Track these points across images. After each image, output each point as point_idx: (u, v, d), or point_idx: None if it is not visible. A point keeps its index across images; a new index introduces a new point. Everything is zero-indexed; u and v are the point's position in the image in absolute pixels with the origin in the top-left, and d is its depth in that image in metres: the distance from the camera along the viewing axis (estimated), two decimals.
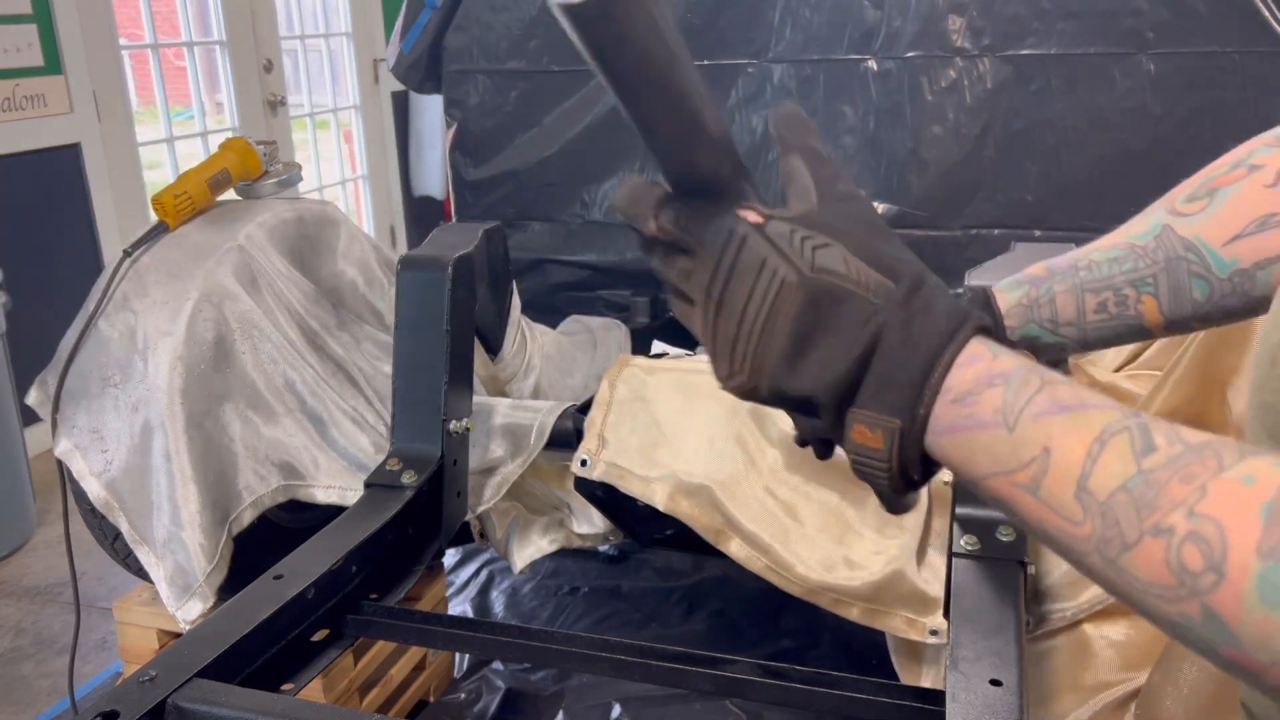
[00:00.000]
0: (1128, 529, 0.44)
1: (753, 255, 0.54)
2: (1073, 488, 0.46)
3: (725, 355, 0.56)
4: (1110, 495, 0.45)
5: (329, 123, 4.80)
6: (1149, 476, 0.44)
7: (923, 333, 0.52)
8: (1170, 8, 1.92)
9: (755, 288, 0.53)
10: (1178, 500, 0.43)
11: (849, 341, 0.52)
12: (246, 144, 1.75)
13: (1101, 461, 0.46)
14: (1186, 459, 0.44)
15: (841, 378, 0.52)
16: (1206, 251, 0.78)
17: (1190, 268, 0.79)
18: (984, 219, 2.09)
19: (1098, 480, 0.45)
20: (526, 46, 2.32)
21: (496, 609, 2.18)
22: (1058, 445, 0.47)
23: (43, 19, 3.09)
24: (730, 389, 0.57)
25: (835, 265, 0.53)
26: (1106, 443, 0.46)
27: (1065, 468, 0.47)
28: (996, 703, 1.02)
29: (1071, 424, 0.47)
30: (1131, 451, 0.45)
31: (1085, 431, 0.47)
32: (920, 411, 0.51)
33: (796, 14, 2.13)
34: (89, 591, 2.31)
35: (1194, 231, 0.79)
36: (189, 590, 1.46)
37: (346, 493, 1.56)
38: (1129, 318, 0.81)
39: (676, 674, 1.18)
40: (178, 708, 1.00)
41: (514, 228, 2.41)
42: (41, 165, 3.13)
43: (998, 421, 0.49)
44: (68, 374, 1.56)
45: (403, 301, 1.56)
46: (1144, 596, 0.45)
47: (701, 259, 0.55)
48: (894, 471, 0.53)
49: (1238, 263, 0.77)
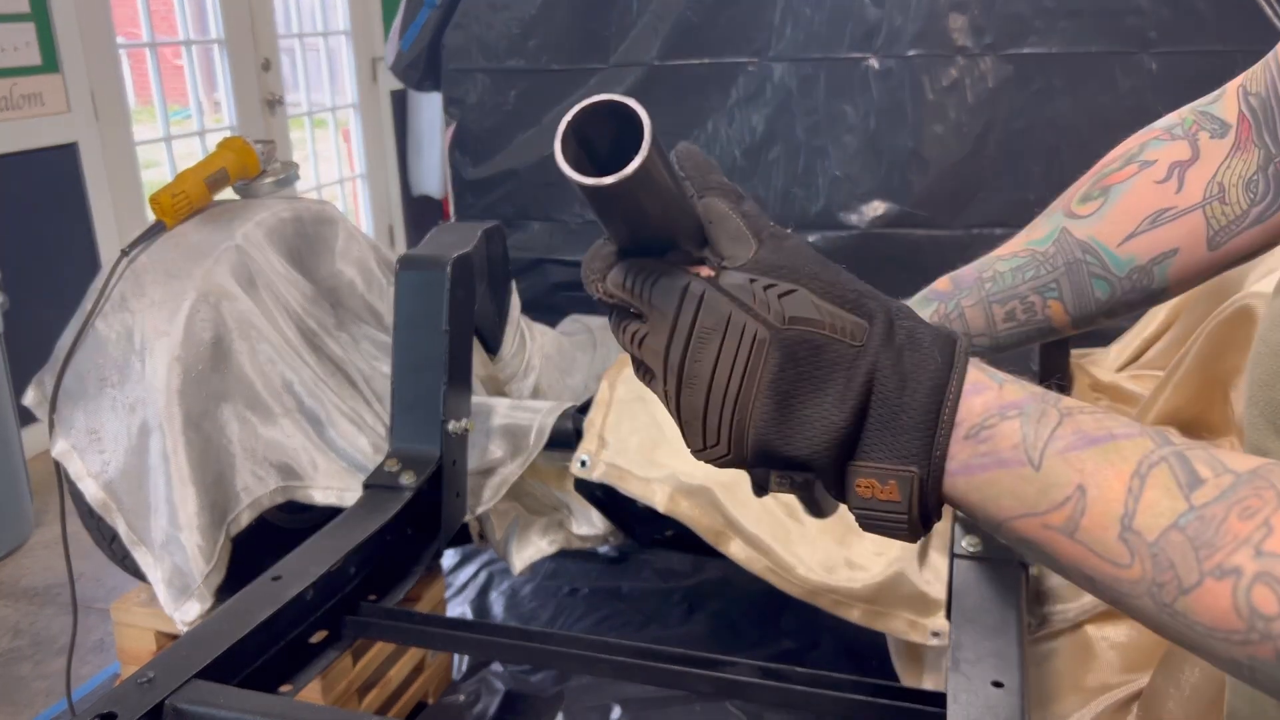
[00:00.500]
0: (1185, 571, 0.41)
1: (714, 314, 0.48)
2: (1115, 529, 0.43)
3: (696, 428, 0.50)
4: (1161, 535, 0.41)
5: (327, 122, 4.79)
6: (1202, 513, 0.41)
7: (917, 367, 0.48)
8: (1172, 7, 1.92)
9: (722, 350, 0.48)
10: (1241, 538, 0.40)
11: (840, 394, 0.48)
12: (244, 143, 1.74)
13: (1146, 499, 0.42)
14: (1240, 491, 0.41)
15: (839, 434, 0.48)
16: (1104, 252, 0.79)
17: (1090, 269, 0.79)
18: (985, 218, 2.09)
19: (1144, 519, 0.42)
20: (526, 45, 2.32)
21: (496, 610, 2.17)
22: (1093, 483, 0.44)
23: (40, 17, 3.08)
24: (709, 461, 0.51)
25: (806, 312, 0.48)
26: (1146, 477, 0.43)
27: (1105, 507, 0.43)
28: (998, 704, 1.02)
29: (1104, 458, 0.44)
30: (1176, 485, 0.42)
31: (1121, 465, 0.43)
32: (936, 454, 0.47)
33: (797, 12, 2.12)
34: (86, 592, 2.30)
35: (1090, 233, 0.80)
36: (187, 591, 1.46)
37: (345, 494, 1.56)
38: (1037, 322, 0.83)
39: (676, 675, 1.18)
40: (176, 709, 0.99)
41: (514, 227, 2.40)
42: (39, 165, 3.12)
43: (1020, 459, 0.46)
44: (65, 374, 1.55)
45: (401, 301, 1.56)
46: (1205, 640, 0.41)
47: (655, 323, 0.50)
48: (914, 521, 0.48)
49: (1134, 260, 0.78)
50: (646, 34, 2.23)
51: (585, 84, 2.29)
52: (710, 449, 0.50)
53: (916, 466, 0.47)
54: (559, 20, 2.28)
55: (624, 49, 2.25)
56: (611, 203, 0.47)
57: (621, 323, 0.53)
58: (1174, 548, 0.41)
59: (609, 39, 2.26)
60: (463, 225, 1.75)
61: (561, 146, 0.45)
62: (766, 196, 2.20)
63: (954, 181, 2.09)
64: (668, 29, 2.21)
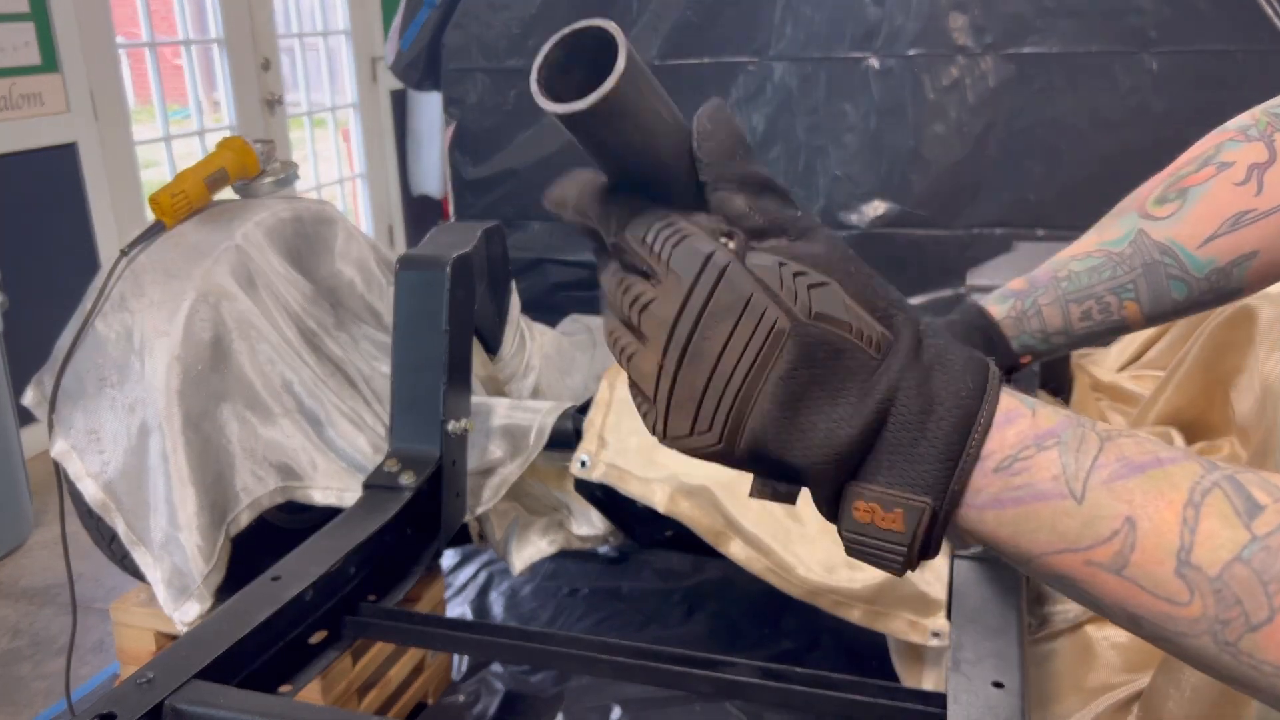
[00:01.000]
0: (1254, 607, 0.38)
1: (735, 292, 0.44)
2: (1171, 563, 0.40)
3: (688, 411, 0.45)
4: (1224, 569, 0.38)
5: (327, 121, 4.79)
6: (1268, 543, 0.38)
7: (945, 391, 0.44)
8: (1173, 6, 1.91)
9: (735, 332, 0.44)
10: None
11: (854, 407, 0.44)
12: (244, 143, 1.74)
13: (1203, 530, 0.39)
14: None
15: (845, 449, 0.44)
16: (1183, 254, 0.79)
17: (1168, 271, 0.80)
18: (986, 218, 2.09)
19: (1203, 553, 0.39)
20: (525, 44, 2.32)
21: (495, 610, 2.17)
22: (1143, 515, 0.40)
23: (40, 17, 3.08)
24: (688, 449, 0.46)
25: (835, 310, 0.44)
26: (1201, 505, 0.40)
27: (1158, 540, 0.40)
28: (998, 705, 1.02)
29: (1153, 486, 0.41)
30: (1235, 513, 0.39)
31: (1172, 494, 0.40)
32: (955, 487, 0.43)
33: (797, 11, 2.12)
34: (86, 593, 2.30)
35: (1168, 235, 0.80)
36: (186, 592, 1.46)
37: (344, 494, 1.56)
38: (1113, 322, 0.84)
39: (676, 676, 1.18)
40: (175, 709, 0.99)
41: (513, 227, 2.40)
42: (38, 164, 3.12)
43: (1061, 491, 0.42)
44: (64, 374, 1.55)
45: (401, 301, 1.56)
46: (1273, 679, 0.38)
47: (668, 288, 0.45)
48: (912, 556, 0.45)
49: (1214, 262, 0.79)
50: (646, 34, 2.22)
51: None
52: (698, 436, 0.46)
53: (931, 498, 0.43)
54: (559, 20, 2.27)
55: None
56: (593, 131, 0.43)
57: (623, 278, 0.47)
58: (1239, 582, 0.38)
59: None
60: (463, 225, 1.74)
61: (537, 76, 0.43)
62: None
63: (954, 181, 2.09)
64: (668, 28, 2.21)
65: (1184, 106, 1.95)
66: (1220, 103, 1.93)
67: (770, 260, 0.44)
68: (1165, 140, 1.97)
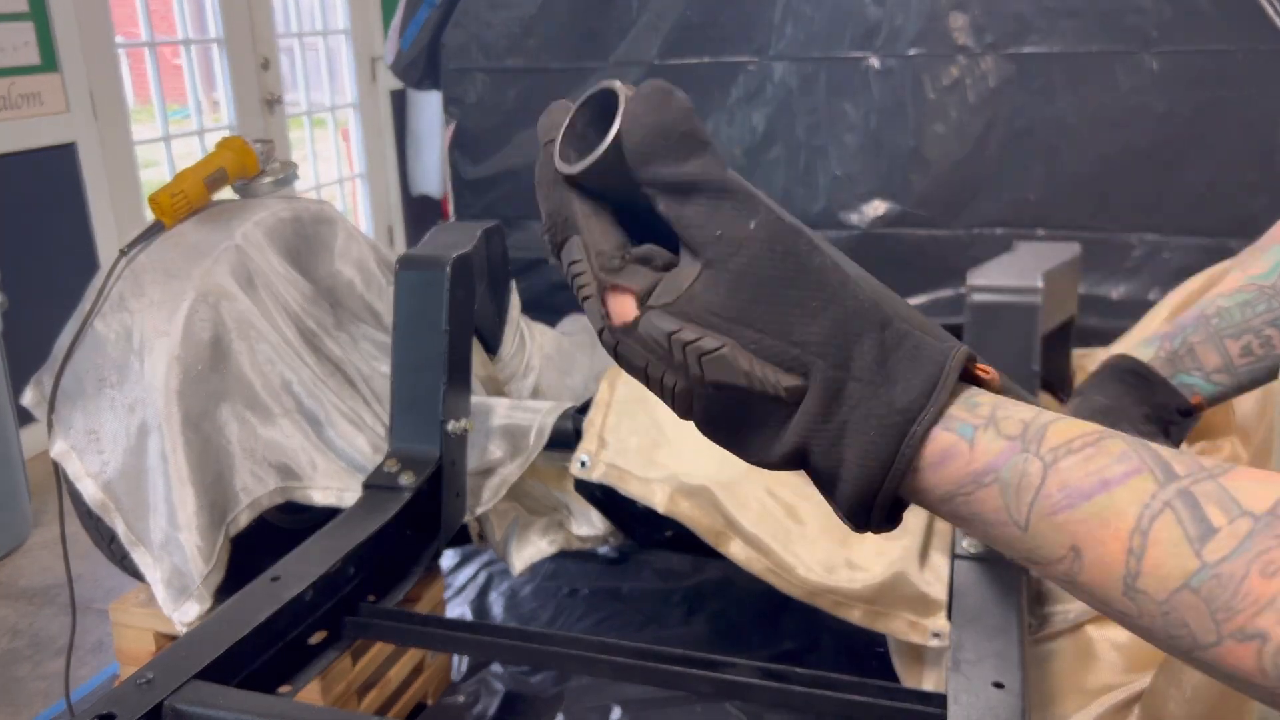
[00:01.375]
0: (1202, 632, 0.37)
1: (631, 363, 0.44)
2: (1118, 588, 0.39)
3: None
4: (1171, 595, 0.38)
5: (326, 121, 4.79)
6: (1218, 571, 0.37)
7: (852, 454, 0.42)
8: (1173, 5, 1.91)
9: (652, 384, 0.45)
10: (1263, 600, 0.36)
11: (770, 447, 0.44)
12: (243, 143, 1.74)
13: (1150, 559, 0.38)
14: (1260, 541, 0.36)
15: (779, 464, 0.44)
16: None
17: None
18: (986, 218, 2.09)
19: (1149, 580, 0.38)
20: (525, 44, 2.31)
21: (495, 611, 2.17)
22: (1088, 545, 0.39)
23: (39, 17, 3.08)
24: None
25: (731, 377, 0.42)
26: (1149, 532, 0.38)
27: (1103, 570, 0.39)
28: (999, 705, 1.02)
29: (1098, 516, 0.39)
30: (1185, 539, 0.37)
31: (1118, 522, 0.39)
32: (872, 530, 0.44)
33: (798, 11, 2.12)
34: (85, 593, 2.30)
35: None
36: (186, 592, 1.45)
37: (344, 494, 1.55)
38: (1275, 356, 0.82)
39: (676, 676, 1.18)
40: (175, 710, 0.99)
41: (513, 227, 2.40)
42: (37, 164, 3.12)
43: (1004, 520, 0.41)
44: (63, 374, 1.54)
45: (401, 301, 1.55)
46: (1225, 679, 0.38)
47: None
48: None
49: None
50: (646, 33, 2.22)
51: (585, 83, 2.29)
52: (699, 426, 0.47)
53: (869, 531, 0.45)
54: (559, 19, 2.28)
55: (624, 48, 2.25)
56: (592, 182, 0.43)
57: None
58: (1187, 609, 0.37)
59: (609, 38, 2.25)
60: (462, 225, 1.74)
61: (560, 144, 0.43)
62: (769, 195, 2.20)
63: (955, 181, 2.09)
64: (668, 28, 2.20)
65: (1184, 106, 1.95)
66: (1220, 103, 1.93)
67: (661, 331, 0.42)
68: (1166, 139, 1.97)
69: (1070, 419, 0.42)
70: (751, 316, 0.41)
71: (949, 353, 0.43)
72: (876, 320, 0.42)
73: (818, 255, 0.42)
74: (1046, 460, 0.40)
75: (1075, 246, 1.69)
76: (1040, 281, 1.46)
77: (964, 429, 0.42)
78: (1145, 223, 2.01)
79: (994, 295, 1.46)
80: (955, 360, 0.42)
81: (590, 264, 0.43)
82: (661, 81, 0.42)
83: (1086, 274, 1.96)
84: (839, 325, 0.42)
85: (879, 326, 0.42)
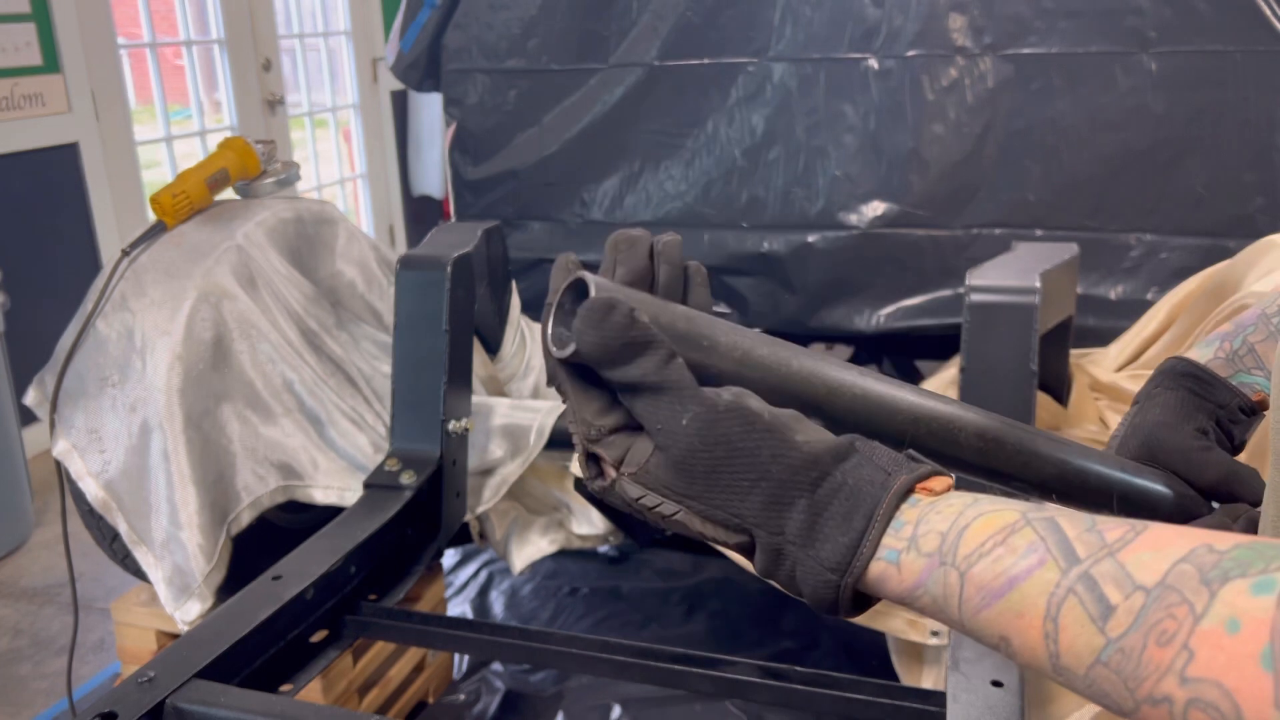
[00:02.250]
0: (1120, 700, 0.41)
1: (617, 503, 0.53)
2: (1048, 667, 0.44)
3: None
4: (1089, 670, 0.42)
5: (328, 122, 4.80)
6: (1121, 645, 0.40)
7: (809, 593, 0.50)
8: (1172, 7, 1.92)
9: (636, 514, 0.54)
10: (1163, 667, 0.39)
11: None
12: (245, 143, 1.74)
13: (1063, 642, 0.42)
14: (1153, 614, 0.40)
15: None
16: None
17: None
18: (985, 218, 2.09)
19: (1068, 660, 0.42)
20: (526, 45, 2.32)
21: (496, 610, 2.17)
22: (1011, 634, 0.45)
23: (41, 18, 3.09)
24: None
25: (688, 533, 0.52)
26: (1058, 619, 0.43)
27: (1031, 654, 0.44)
28: (997, 704, 1.02)
29: (1012, 610, 0.44)
30: (1089, 619, 0.42)
31: (1030, 614, 0.44)
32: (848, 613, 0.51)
33: (797, 12, 2.12)
34: (87, 592, 2.30)
35: None
36: (188, 591, 1.46)
37: (345, 493, 1.56)
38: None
39: (676, 675, 1.18)
40: (176, 708, 0.99)
41: (513, 227, 2.41)
42: (39, 165, 3.12)
43: (946, 619, 0.48)
44: (65, 374, 1.55)
45: (402, 301, 1.56)
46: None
47: None
48: None
49: None
50: (646, 34, 2.23)
51: (585, 84, 2.29)
52: None
53: None
54: (559, 20, 2.28)
55: (624, 49, 2.25)
56: None
57: None
58: (1104, 681, 0.41)
59: (609, 39, 2.26)
60: (463, 225, 1.75)
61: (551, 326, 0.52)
62: (766, 197, 2.20)
63: (954, 181, 2.09)
64: (668, 29, 2.21)
65: (1183, 107, 1.95)
66: (1219, 103, 1.93)
67: (630, 496, 0.51)
68: (1164, 140, 1.97)
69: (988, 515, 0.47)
70: (696, 493, 0.50)
71: (881, 498, 0.49)
72: (808, 483, 0.49)
73: (752, 436, 0.49)
74: (962, 569, 0.46)
75: (1073, 247, 1.69)
76: (1038, 282, 1.46)
77: (890, 555, 0.48)
78: (1143, 223, 2.02)
79: (992, 295, 1.47)
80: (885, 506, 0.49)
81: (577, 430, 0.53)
82: (604, 298, 0.49)
83: (1084, 274, 1.96)
84: (771, 499, 0.49)
85: (810, 489, 0.49)
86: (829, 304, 2.17)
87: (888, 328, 2.14)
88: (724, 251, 2.23)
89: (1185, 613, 0.39)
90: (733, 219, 2.23)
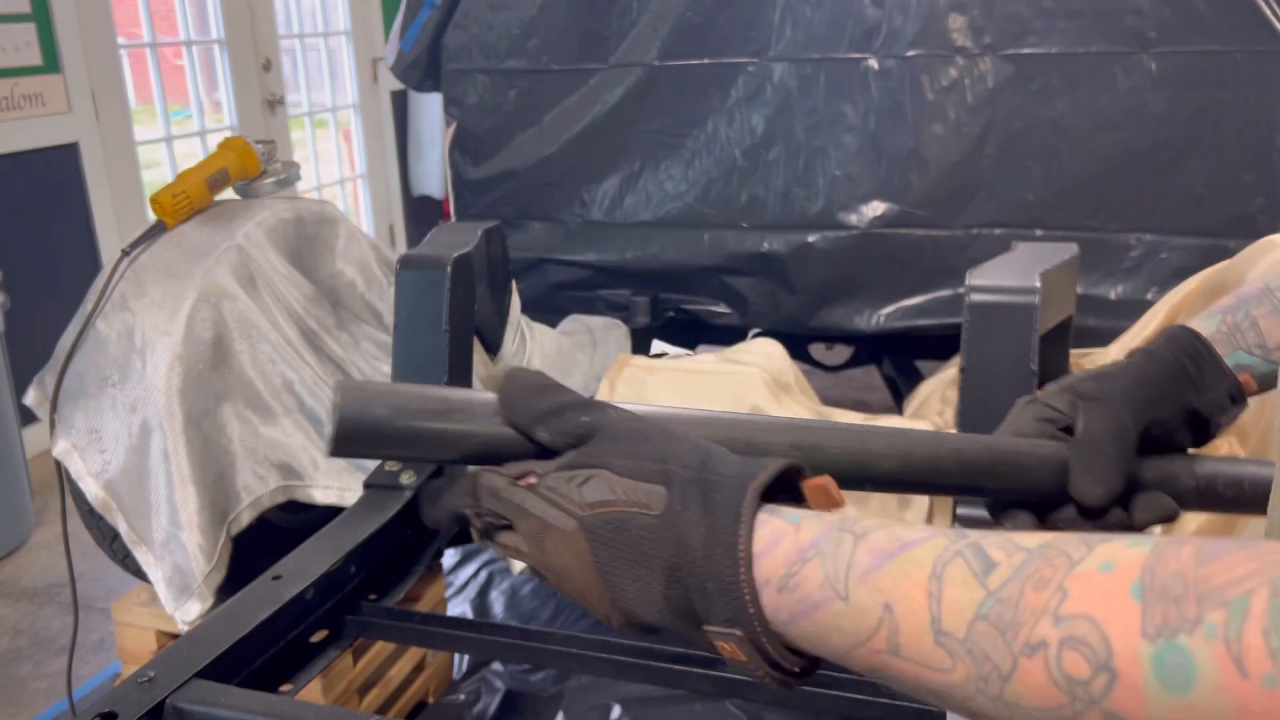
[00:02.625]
0: (1000, 658, 0.40)
1: (538, 517, 0.52)
2: (930, 635, 0.42)
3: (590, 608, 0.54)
4: (969, 628, 0.41)
5: (328, 122, 4.80)
6: (1000, 595, 0.40)
7: (713, 533, 0.48)
8: (1172, 7, 1.91)
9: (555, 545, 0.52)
10: (1039, 609, 0.39)
11: (652, 567, 0.49)
12: (245, 143, 1.74)
13: (947, 598, 0.42)
14: (1032, 564, 0.40)
15: (666, 604, 0.50)
16: None
17: None
18: (985, 218, 2.09)
19: (950, 619, 0.42)
20: (526, 45, 2.32)
21: (496, 610, 2.18)
22: (896, 598, 0.43)
23: (41, 18, 3.09)
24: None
25: (601, 494, 0.51)
26: (943, 576, 0.42)
27: (913, 619, 0.43)
28: None
29: (901, 570, 0.44)
30: (972, 575, 0.42)
31: (917, 572, 0.43)
32: (752, 612, 0.47)
33: (797, 12, 2.12)
34: (87, 592, 2.30)
35: None
36: (188, 591, 1.46)
37: (345, 493, 1.56)
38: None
39: (676, 675, 1.18)
40: (176, 709, 0.99)
41: (513, 227, 2.41)
42: (39, 164, 3.13)
43: (830, 596, 0.46)
44: (65, 374, 1.55)
45: (402, 301, 1.56)
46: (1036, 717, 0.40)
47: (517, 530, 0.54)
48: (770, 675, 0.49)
49: None
50: (646, 34, 2.23)
51: (585, 84, 2.29)
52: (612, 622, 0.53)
53: (740, 629, 0.48)
54: (559, 20, 2.28)
55: (624, 49, 2.25)
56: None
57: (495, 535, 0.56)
58: (984, 638, 0.40)
59: (609, 39, 2.26)
60: (463, 225, 1.75)
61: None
62: (766, 196, 2.20)
63: (954, 181, 2.09)
64: (668, 29, 2.21)
65: (1183, 107, 1.95)
66: (1219, 103, 1.93)
67: (556, 479, 0.53)
68: (1164, 140, 1.97)
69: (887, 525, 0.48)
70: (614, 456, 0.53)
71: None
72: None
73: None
74: (858, 534, 0.47)
75: (1073, 247, 1.69)
76: (1038, 282, 1.46)
77: (786, 513, 0.49)
78: (1143, 223, 2.01)
79: (992, 295, 1.47)
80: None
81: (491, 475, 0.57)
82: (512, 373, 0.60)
83: (1084, 274, 1.96)
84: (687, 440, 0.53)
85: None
86: (829, 304, 2.17)
87: (888, 327, 2.14)
88: (724, 251, 2.23)
89: (1064, 562, 0.40)
90: (733, 219, 2.23)
